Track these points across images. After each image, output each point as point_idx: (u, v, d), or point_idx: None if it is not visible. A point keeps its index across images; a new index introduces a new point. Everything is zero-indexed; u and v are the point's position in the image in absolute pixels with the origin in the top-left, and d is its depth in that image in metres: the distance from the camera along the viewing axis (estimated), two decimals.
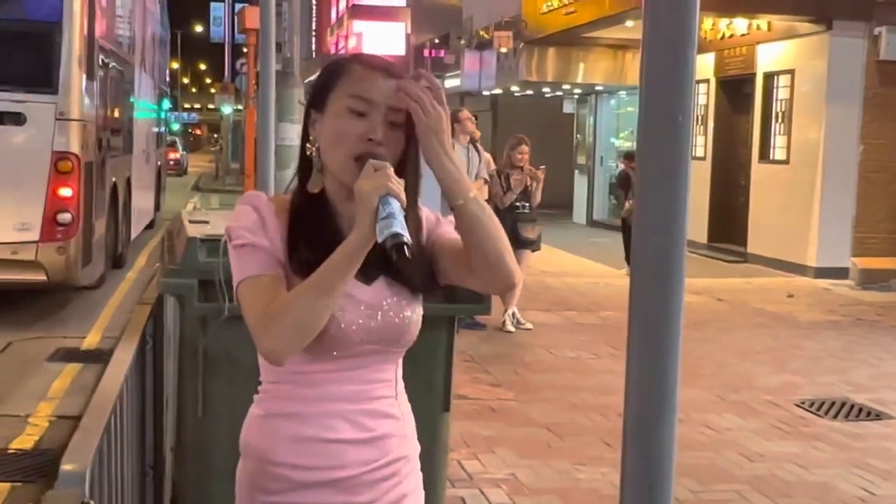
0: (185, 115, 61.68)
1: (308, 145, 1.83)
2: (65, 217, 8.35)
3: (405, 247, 1.62)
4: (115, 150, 10.62)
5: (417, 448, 1.92)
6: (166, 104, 18.80)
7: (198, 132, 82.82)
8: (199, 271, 3.27)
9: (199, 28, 58.91)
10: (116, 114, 11.05)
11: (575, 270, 12.86)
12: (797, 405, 6.46)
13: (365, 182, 1.66)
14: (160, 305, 3.73)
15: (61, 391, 6.46)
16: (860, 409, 6.41)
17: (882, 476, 5.17)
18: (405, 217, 1.66)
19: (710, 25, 14.28)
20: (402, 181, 1.69)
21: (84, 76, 8.77)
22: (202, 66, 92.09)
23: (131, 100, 12.60)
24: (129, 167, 12.03)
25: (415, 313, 1.86)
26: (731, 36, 14.19)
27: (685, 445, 5.23)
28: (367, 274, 1.77)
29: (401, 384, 1.90)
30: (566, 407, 6.25)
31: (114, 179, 10.38)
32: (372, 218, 1.64)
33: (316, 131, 1.82)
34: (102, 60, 9.79)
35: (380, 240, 1.63)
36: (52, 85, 8.40)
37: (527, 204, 8.76)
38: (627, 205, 10.81)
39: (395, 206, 1.65)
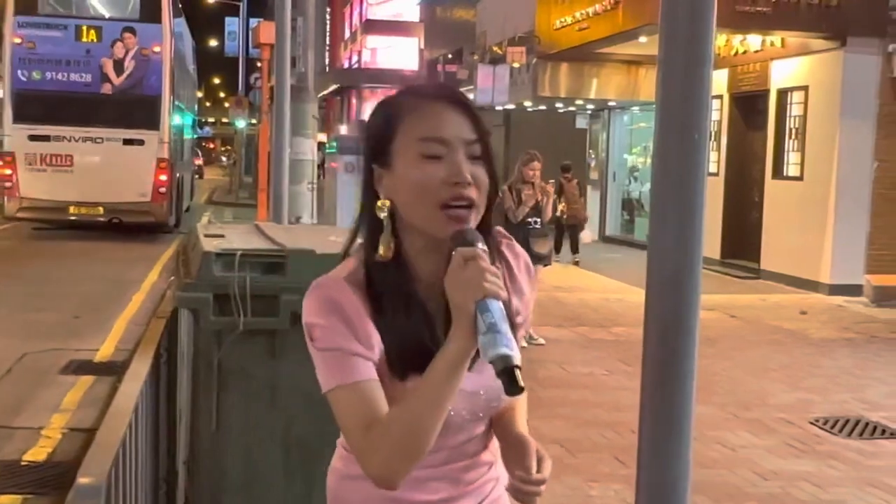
0: (199, 129, 61.94)
1: (379, 205, 1.60)
2: (161, 190, 16.50)
3: (515, 371, 1.41)
4: (179, 158, 18.72)
5: (505, 477, 1.79)
6: (193, 123, 25.46)
7: (211, 146, 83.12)
8: (214, 285, 3.29)
9: (213, 42, 59.20)
10: (178, 137, 18.76)
11: (587, 286, 12.84)
12: (811, 423, 6.43)
13: (456, 283, 1.46)
14: (175, 319, 3.74)
15: (74, 403, 6.47)
16: (875, 427, 6.37)
17: None
18: (506, 306, 1.46)
19: (723, 42, 14.28)
20: (498, 272, 1.49)
21: (169, 120, 16.87)
22: (216, 81, 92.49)
23: (184, 129, 20.62)
24: (183, 168, 20.05)
25: None
26: (745, 52, 14.18)
27: (699, 463, 5.21)
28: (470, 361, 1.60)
29: (491, 430, 1.78)
30: (579, 423, 6.23)
31: (178, 175, 18.32)
32: (471, 327, 1.45)
33: (385, 188, 1.60)
34: (173, 105, 17.33)
35: (485, 360, 1.44)
36: (157, 126, 16.59)
37: (538, 219, 8.76)
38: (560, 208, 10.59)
39: (497, 313, 1.44)
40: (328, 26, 43.97)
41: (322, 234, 4.44)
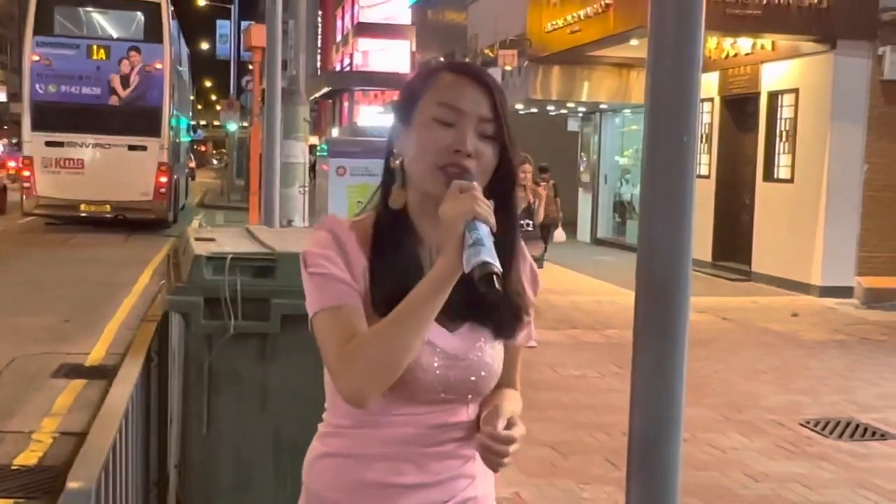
0: (193, 132, 61.98)
1: (392, 158, 1.72)
2: (162, 190, 18.48)
3: (495, 276, 1.47)
4: (176, 161, 20.72)
5: (489, 491, 1.81)
6: (188, 128, 26.72)
7: (202, 149, 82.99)
8: (204, 289, 3.28)
9: (205, 45, 59.14)
10: (176, 143, 20.77)
11: (579, 288, 12.85)
12: (802, 425, 6.44)
13: (450, 205, 1.55)
14: (166, 323, 3.74)
15: (65, 407, 6.45)
16: (865, 429, 6.39)
17: (888, 497, 5.14)
18: (496, 243, 1.53)
19: (714, 44, 14.32)
20: (491, 203, 1.57)
21: (168, 128, 18.94)
22: (208, 83, 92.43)
23: (180, 134, 22.65)
24: (179, 170, 22.42)
25: (496, 362, 1.75)
26: (736, 55, 14.22)
27: (690, 465, 5.22)
28: (450, 318, 1.66)
29: (475, 424, 1.77)
30: (570, 425, 6.23)
31: (176, 176, 20.37)
32: (458, 245, 1.52)
33: (401, 143, 1.71)
34: (172, 115, 19.36)
35: (466, 269, 1.50)
36: (158, 133, 18.64)
37: (530, 221, 8.77)
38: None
39: (484, 232, 1.52)
40: (320, 29, 43.97)
41: None
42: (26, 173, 18.47)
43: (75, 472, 2.14)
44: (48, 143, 18.28)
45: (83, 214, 18.28)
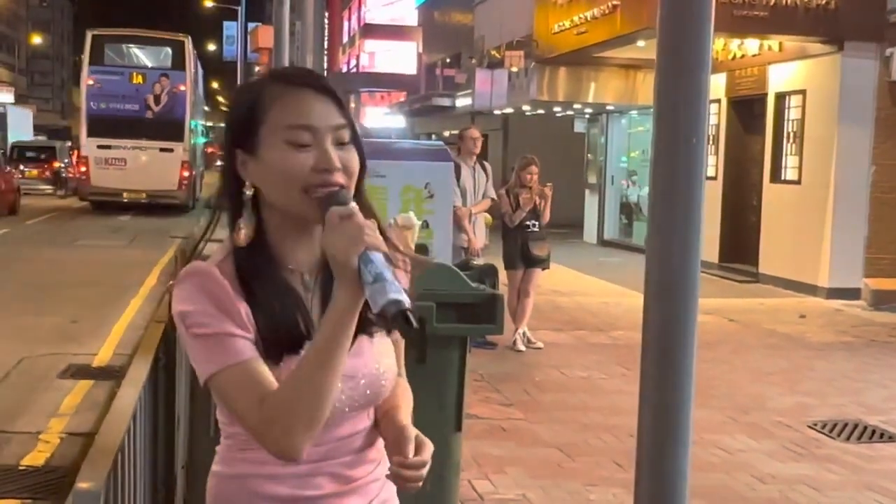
0: (206, 136, 62.35)
1: (245, 191, 1.60)
2: (185, 182, 24.33)
3: (409, 314, 1.41)
4: (194, 160, 26.22)
5: (394, 492, 1.77)
6: (202, 132, 32.55)
7: (209, 150, 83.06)
8: None
9: (212, 47, 59.22)
10: (194, 146, 26.28)
11: (586, 290, 12.84)
12: (810, 427, 6.43)
13: (335, 239, 1.47)
14: (173, 324, 3.74)
15: (72, 408, 6.47)
16: (873, 431, 6.37)
17: (895, 499, 5.13)
18: (386, 255, 1.47)
19: (721, 46, 14.29)
20: (373, 222, 1.51)
21: (190, 134, 25.08)
22: (214, 85, 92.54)
23: (199, 135, 29.00)
24: (197, 167, 27.60)
25: (390, 358, 1.71)
26: (743, 56, 14.20)
27: (697, 467, 5.20)
28: None
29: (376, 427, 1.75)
30: (577, 427, 6.23)
31: (194, 172, 25.86)
32: (355, 280, 1.45)
33: (250, 174, 1.59)
34: (191, 125, 25.23)
35: (376, 310, 1.43)
36: (181, 139, 24.54)
37: (536, 222, 8.76)
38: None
39: (380, 262, 1.44)
40: (326, 30, 43.98)
41: None
42: (83, 169, 24.66)
43: (84, 472, 2.14)
44: (99, 147, 24.29)
45: (125, 200, 23.99)
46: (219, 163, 1.88)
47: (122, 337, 8.70)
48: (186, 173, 24.72)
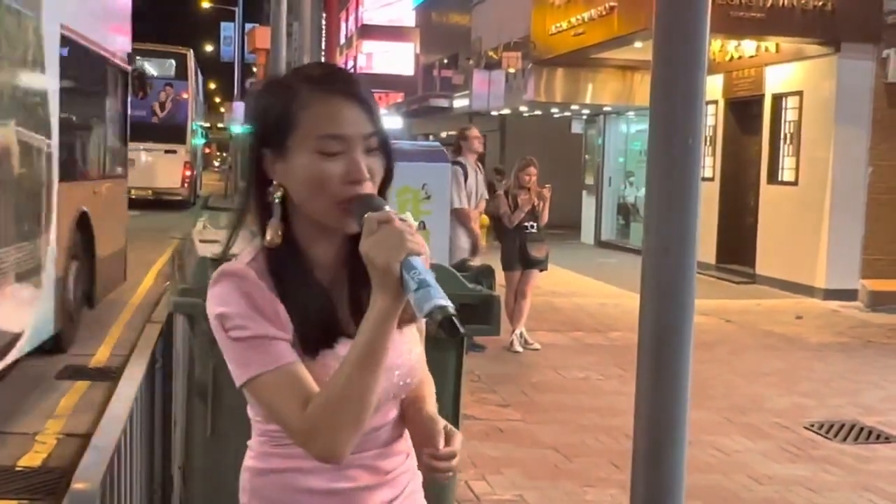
0: (205, 137, 62.78)
1: (271, 190, 1.60)
2: (186, 181, 26.57)
3: (455, 319, 1.40)
4: (195, 161, 28.95)
5: (420, 484, 1.80)
6: (201, 134, 34.81)
7: (206, 151, 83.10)
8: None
9: (209, 47, 59.19)
10: (194, 148, 28.81)
11: (583, 291, 12.85)
12: (806, 428, 6.43)
13: (375, 245, 1.45)
14: (170, 324, 3.74)
15: (69, 409, 6.45)
16: (870, 432, 6.38)
17: (892, 500, 5.13)
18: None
19: (718, 47, 14.31)
20: (412, 225, 1.50)
21: (190, 138, 27.34)
22: (212, 86, 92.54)
23: (198, 137, 31.21)
24: (197, 166, 30.60)
25: (419, 347, 1.73)
26: (740, 58, 14.21)
27: (693, 467, 5.20)
28: None
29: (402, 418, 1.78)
30: (574, 428, 6.23)
31: (195, 171, 28.52)
32: (397, 287, 1.44)
33: (278, 174, 1.59)
34: (193, 127, 27.58)
35: (420, 315, 1.42)
36: (184, 142, 26.67)
37: (535, 224, 8.77)
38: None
39: (422, 267, 1.43)
40: (324, 31, 43.99)
41: None
42: None
43: (80, 473, 2.14)
44: None
45: (133, 196, 27.16)
46: (216, 163, 1.88)
47: (119, 338, 8.68)
48: (188, 172, 27.13)
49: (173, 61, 28.02)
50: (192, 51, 28.91)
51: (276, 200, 1.59)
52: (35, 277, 6.80)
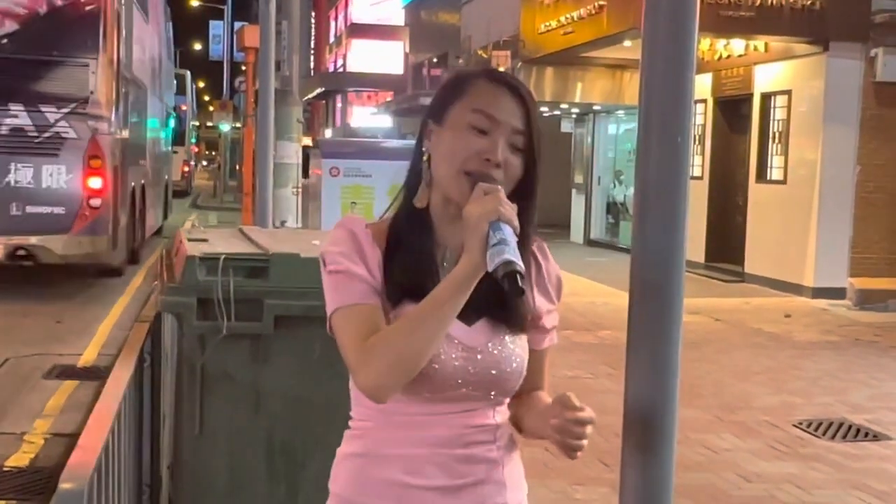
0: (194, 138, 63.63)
1: (424, 151, 1.74)
2: (186, 175, 33.86)
3: (518, 275, 1.48)
4: (191, 159, 38.77)
5: (522, 499, 1.79)
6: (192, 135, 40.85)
7: (195, 150, 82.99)
8: (197, 289, 3.27)
9: (198, 46, 59.04)
10: (190, 149, 38.24)
11: (572, 290, 12.85)
12: (795, 426, 6.45)
13: (474, 206, 1.55)
14: (158, 323, 3.73)
15: (57, 408, 6.43)
16: (858, 430, 6.40)
17: (880, 497, 5.16)
18: (519, 244, 1.54)
19: (707, 46, 14.34)
20: (515, 206, 1.58)
21: (188, 141, 34.88)
22: (201, 84, 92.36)
23: (192, 138, 39.79)
24: (192, 164, 39.65)
25: (519, 358, 1.73)
26: (729, 56, 14.24)
27: (683, 466, 5.22)
28: (466, 313, 1.63)
29: (505, 429, 1.79)
30: None
31: (191, 167, 38.86)
32: (482, 245, 1.52)
33: (431, 143, 1.72)
34: (188, 133, 35.91)
35: (490, 268, 1.50)
36: (184, 144, 31.98)
37: None
38: None
39: (508, 232, 1.52)
40: (313, 30, 43.91)
41: (306, 238, 4.43)
42: None
43: (68, 473, 2.13)
44: None
45: None
46: (204, 162, 1.96)
47: (107, 337, 8.66)
48: (187, 168, 33.50)
49: (175, 81, 33.15)
50: (189, 72, 35.25)
51: (425, 165, 1.72)
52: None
